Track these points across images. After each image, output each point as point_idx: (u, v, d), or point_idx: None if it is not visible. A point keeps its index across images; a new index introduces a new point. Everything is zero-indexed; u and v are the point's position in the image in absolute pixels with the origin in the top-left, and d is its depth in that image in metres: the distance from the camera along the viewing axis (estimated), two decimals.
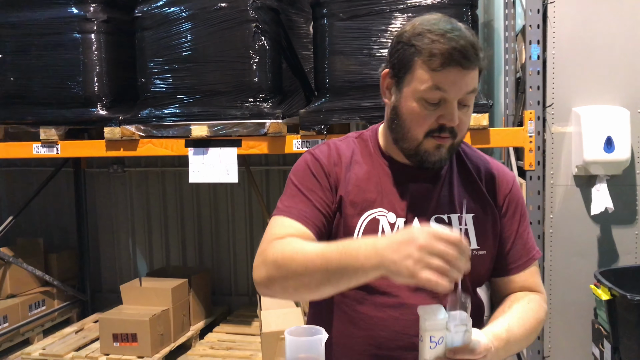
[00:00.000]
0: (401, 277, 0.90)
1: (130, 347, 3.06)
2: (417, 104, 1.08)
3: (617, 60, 2.41)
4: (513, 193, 1.23)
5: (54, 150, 2.95)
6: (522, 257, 1.22)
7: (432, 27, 1.06)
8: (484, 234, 1.17)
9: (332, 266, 0.97)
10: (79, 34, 2.86)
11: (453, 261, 0.87)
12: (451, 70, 1.03)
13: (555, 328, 2.51)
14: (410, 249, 0.88)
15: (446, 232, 0.88)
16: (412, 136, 1.10)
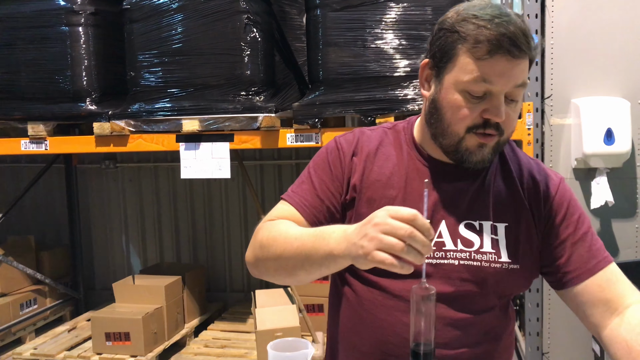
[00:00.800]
0: (361, 261, 0.84)
1: (123, 346, 3.01)
2: (460, 96, 0.97)
3: (617, 51, 2.36)
4: (560, 195, 1.09)
5: (42, 146, 2.89)
6: (590, 261, 1.06)
7: (479, 13, 0.96)
8: (518, 247, 1.05)
9: (306, 249, 0.94)
10: (67, 26, 2.79)
11: (408, 239, 0.80)
12: (499, 59, 0.93)
13: (554, 324, 2.47)
14: (367, 228, 0.83)
15: (403, 209, 0.82)
16: (453, 131, 1.00)
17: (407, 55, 2.43)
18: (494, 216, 1.05)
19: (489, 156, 1.01)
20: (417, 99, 2.42)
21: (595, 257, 1.07)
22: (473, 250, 1.03)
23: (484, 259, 1.03)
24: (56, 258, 3.92)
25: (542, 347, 2.49)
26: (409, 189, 1.07)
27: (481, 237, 1.04)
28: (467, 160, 1.01)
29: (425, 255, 0.82)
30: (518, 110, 1.01)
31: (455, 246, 1.03)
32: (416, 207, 1.03)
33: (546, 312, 2.47)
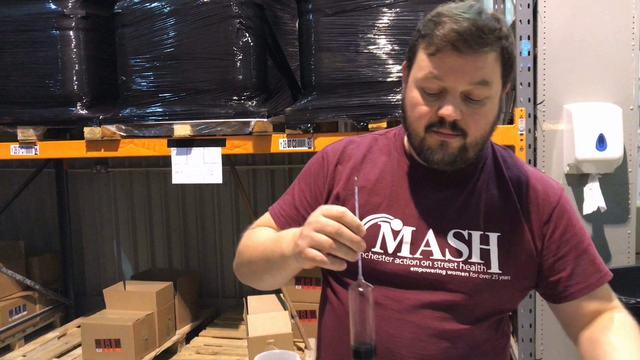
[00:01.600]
0: (299, 259, 0.88)
1: (113, 353, 2.98)
2: (418, 93, 0.97)
3: (609, 57, 2.36)
4: (562, 206, 1.05)
5: (32, 151, 2.86)
6: (593, 275, 1.04)
7: (445, 11, 0.94)
8: (510, 258, 1.01)
9: (267, 253, 1.00)
10: (57, 30, 2.77)
11: (336, 236, 0.83)
12: (448, 55, 0.92)
13: (547, 329, 2.47)
14: (303, 227, 0.88)
15: (334, 207, 0.85)
16: (414, 130, 0.99)
17: (399, 61, 2.42)
18: (485, 225, 1.02)
19: (454, 157, 0.98)
20: None
21: (599, 272, 1.06)
22: (461, 260, 1.00)
23: (473, 269, 1.00)
24: (46, 264, 3.88)
25: (535, 354, 2.48)
26: (394, 196, 1.05)
27: (470, 247, 1.01)
28: (430, 159, 0.99)
29: (357, 252, 0.84)
30: (486, 113, 0.96)
31: (443, 256, 1.01)
32: (402, 214, 1.03)
33: (539, 318, 2.47)
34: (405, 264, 1.01)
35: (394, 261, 1.01)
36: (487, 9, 0.97)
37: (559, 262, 1.03)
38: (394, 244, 1.02)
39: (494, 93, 0.96)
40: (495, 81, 0.95)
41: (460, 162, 0.99)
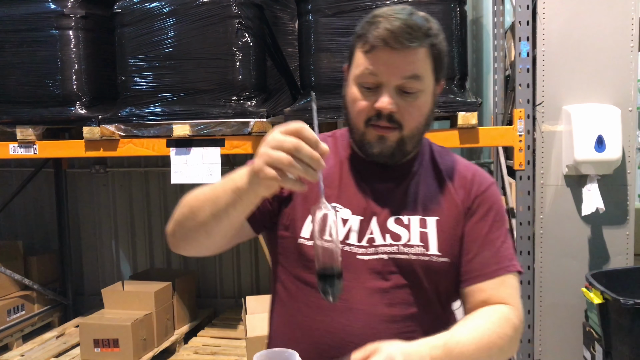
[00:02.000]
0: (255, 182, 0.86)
1: (111, 353, 2.97)
2: (356, 90, 1.04)
3: (608, 58, 2.37)
4: (487, 196, 1.11)
5: (31, 150, 2.86)
6: (491, 265, 1.07)
7: (381, 13, 1.02)
8: (448, 240, 1.06)
9: (216, 193, 0.96)
10: (57, 30, 2.77)
11: (294, 151, 0.81)
12: (382, 51, 0.99)
13: (545, 330, 2.47)
14: (261, 147, 0.85)
15: (291, 123, 0.83)
16: (355, 124, 1.06)
17: None
18: (424, 211, 1.07)
19: (392, 150, 1.05)
20: None
21: (498, 264, 1.07)
22: (401, 243, 1.05)
23: (412, 251, 1.04)
24: (45, 263, 3.87)
25: (534, 354, 2.48)
26: (343, 188, 1.10)
27: (409, 231, 1.06)
28: (370, 153, 1.06)
29: (317, 171, 0.82)
30: (419, 105, 1.03)
31: (384, 240, 1.05)
32: (350, 205, 1.08)
33: (537, 319, 2.47)
34: (353, 252, 1.05)
35: (343, 248, 1.04)
36: (418, 12, 1.05)
37: (465, 247, 1.08)
38: (343, 231, 1.06)
39: (426, 87, 1.03)
40: (426, 76, 1.03)
41: (398, 155, 1.06)
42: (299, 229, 1.08)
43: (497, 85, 3.42)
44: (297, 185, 0.83)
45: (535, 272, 2.46)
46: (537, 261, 2.45)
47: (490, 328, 1.00)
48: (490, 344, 0.99)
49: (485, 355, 0.98)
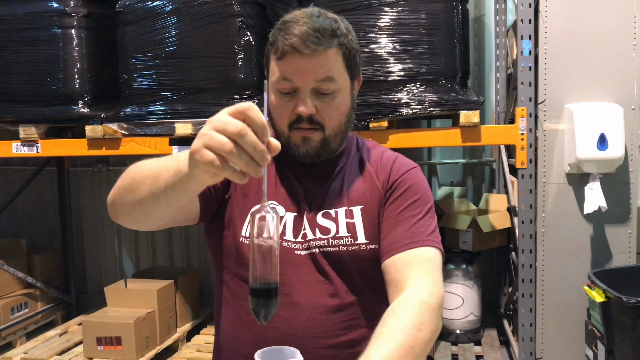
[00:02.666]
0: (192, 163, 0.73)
1: (114, 351, 2.98)
2: (275, 96, 1.06)
3: (611, 56, 2.37)
4: (406, 177, 1.12)
5: (34, 149, 2.87)
6: (403, 240, 1.05)
7: (289, 18, 1.03)
8: (373, 227, 1.09)
9: (157, 169, 0.87)
10: (59, 29, 2.77)
11: (237, 137, 0.69)
12: (291, 57, 1.01)
13: (547, 329, 2.47)
14: (204, 126, 0.74)
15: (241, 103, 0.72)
16: (279, 130, 1.08)
17: (400, 60, 2.43)
18: (349, 202, 1.10)
19: (317, 150, 1.07)
20: (410, 103, 2.42)
21: (410, 238, 1.05)
22: (330, 236, 1.08)
23: (341, 243, 1.07)
24: (47, 261, 3.89)
25: (536, 353, 2.48)
26: (277, 186, 1.13)
27: (337, 223, 1.09)
28: (297, 154, 1.08)
29: (260, 165, 0.71)
30: (337, 105, 1.05)
31: (314, 235, 1.08)
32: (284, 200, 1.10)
33: (539, 317, 2.47)
34: (290, 247, 1.08)
35: (281, 244, 1.07)
36: (326, 12, 1.07)
37: (384, 224, 1.10)
38: (280, 229, 1.07)
39: (341, 86, 1.06)
40: (340, 75, 1.05)
41: (324, 153, 1.09)
42: (239, 228, 1.10)
43: (499, 83, 3.42)
44: (236, 176, 0.71)
45: (537, 271, 2.46)
46: (539, 260, 2.45)
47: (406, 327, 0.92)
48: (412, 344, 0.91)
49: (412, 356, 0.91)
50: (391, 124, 2.61)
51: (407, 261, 1.04)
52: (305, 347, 1.01)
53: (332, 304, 1.06)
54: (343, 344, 1.06)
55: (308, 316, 1.04)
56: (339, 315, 1.06)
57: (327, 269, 1.07)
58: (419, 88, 2.44)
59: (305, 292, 1.06)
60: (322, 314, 1.05)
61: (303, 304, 1.05)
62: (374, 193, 1.12)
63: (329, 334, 1.05)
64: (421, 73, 2.43)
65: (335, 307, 1.06)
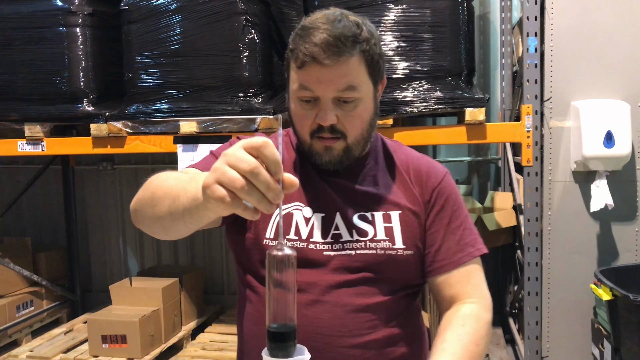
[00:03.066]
0: (204, 196, 0.71)
1: (119, 349, 2.99)
2: (295, 105, 1.04)
3: (617, 53, 2.35)
4: (443, 186, 1.14)
5: (39, 147, 2.87)
6: (456, 254, 1.10)
7: (308, 24, 1.00)
8: (411, 233, 1.09)
9: (177, 189, 0.84)
10: (64, 27, 2.78)
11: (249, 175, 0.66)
12: (312, 67, 0.98)
13: (553, 327, 2.46)
14: (218, 160, 0.71)
15: (256, 137, 0.69)
16: (302, 137, 1.07)
17: (406, 57, 2.42)
18: (386, 206, 1.09)
19: (340, 158, 1.06)
20: (415, 101, 2.41)
21: (462, 251, 1.11)
22: (368, 239, 1.07)
23: (379, 246, 1.06)
24: (53, 260, 3.90)
25: (542, 351, 2.47)
26: (303, 185, 1.10)
27: (374, 227, 1.08)
28: (320, 163, 1.07)
29: (273, 203, 0.68)
30: (360, 113, 1.03)
31: (351, 237, 1.07)
32: (311, 201, 1.08)
33: (545, 316, 2.46)
34: (318, 249, 1.06)
35: (307, 246, 1.06)
36: (348, 15, 1.02)
37: (430, 238, 1.11)
38: (306, 230, 1.07)
39: (363, 95, 1.03)
40: (362, 84, 1.02)
41: (347, 161, 1.07)
42: (263, 230, 1.08)
43: (504, 81, 3.41)
44: (248, 213, 0.70)
45: (543, 269, 2.45)
46: (545, 258, 2.44)
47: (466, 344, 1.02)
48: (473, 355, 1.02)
49: None
50: (396, 122, 2.60)
51: (459, 279, 1.10)
52: (330, 346, 1.01)
53: (358, 303, 1.05)
54: (368, 343, 1.04)
55: (333, 315, 1.03)
56: (365, 315, 1.05)
57: (359, 270, 1.06)
58: (424, 85, 2.43)
59: (332, 292, 1.04)
60: (347, 313, 1.04)
61: (329, 302, 1.04)
62: (411, 201, 1.11)
63: (355, 333, 1.04)
64: (426, 70, 2.42)
65: (362, 307, 1.05)
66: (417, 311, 1.18)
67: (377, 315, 1.06)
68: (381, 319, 1.06)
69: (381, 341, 1.06)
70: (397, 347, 1.08)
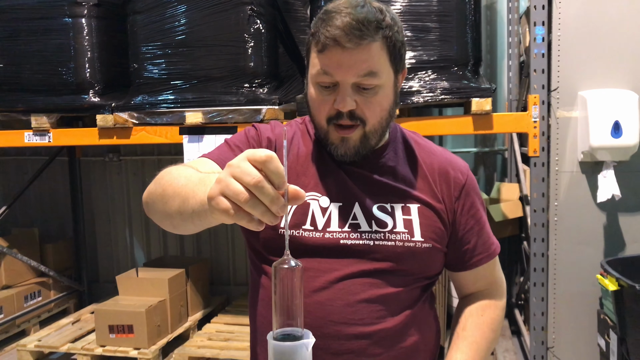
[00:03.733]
0: (210, 206, 0.72)
1: (126, 339, 3.01)
2: (314, 89, 1.03)
3: (625, 42, 2.33)
4: (469, 183, 1.15)
5: (45, 138, 2.88)
6: (490, 247, 1.17)
7: (331, 8, 0.99)
8: (430, 227, 1.09)
9: (187, 190, 0.86)
10: (70, 18, 2.78)
11: (253, 189, 0.66)
12: (333, 51, 0.97)
13: (559, 318, 2.46)
14: (223, 171, 0.71)
15: (261, 150, 0.68)
16: (319, 123, 1.06)
17: (412, 47, 2.40)
18: (405, 198, 1.10)
19: (355, 149, 1.05)
20: (422, 91, 2.40)
21: (493, 244, 1.18)
22: (387, 230, 1.07)
23: (398, 238, 1.07)
24: (60, 251, 3.93)
25: (547, 342, 2.47)
26: (321, 175, 1.10)
27: (394, 218, 1.08)
28: (335, 154, 1.07)
29: (277, 215, 0.68)
30: (379, 100, 1.02)
31: (370, 227, 1.07)
32: (328, 191, 1.08)
33: (551, 307, 2.46)
34: (335, 237, 1.05)
35: (324, 236, 1.05)
36: (372, 1, 1.01)
37: (467, 235, 1.14)
38: (323, 220, 1.07)
39: (384, 82, 1.02)
40: (383, 70, 1.01)
41: (363, 151, 1.06)
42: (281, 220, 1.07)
43: (511, 71, 3.39)
44: (252, 225, 0.70)
45: (550, 260, 2.44)
46: (552, 248, 2.44)
47: (485, 332, 1.16)
48: (489, 345, 1.16)
49: (488, 353, 1.16)
50: (402, 112, 2.59)
51: (485, 274, 1.19)
52: (340, 333, 1.02)
53: (371, 292, 1.05)
54: (378, 332, 1.05)
55: (345, 303, 1.03)
56: (376, 305, 1.05)
57: (376, 260, 1.06)
58: (430, 75, 2.42)
59: (346, 280, 1.04)
60: (359, 302, 1.04)
61: (341, 289, 1.04)
62: (431, 196, 1.11)
63: (366, 322, 1.04)
64: (432, 60, 2.41)
65: (375, 297, 1.05)
66: (430, 300, 1.19)
67: (389, 306, 1.06)
68: (393, 309, 1.07)
69: (392, 330, 1.06)
70: (407, 336, 1.09)
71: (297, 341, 0.71)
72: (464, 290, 1.23)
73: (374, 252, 1.05)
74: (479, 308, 1.17)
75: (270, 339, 0.71)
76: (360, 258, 1.05)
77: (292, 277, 0.72)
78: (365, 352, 1.04)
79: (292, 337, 0.72)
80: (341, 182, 1.09)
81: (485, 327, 1.16)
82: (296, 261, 0.72)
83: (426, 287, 1.15)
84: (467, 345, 1.12)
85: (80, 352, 3.04)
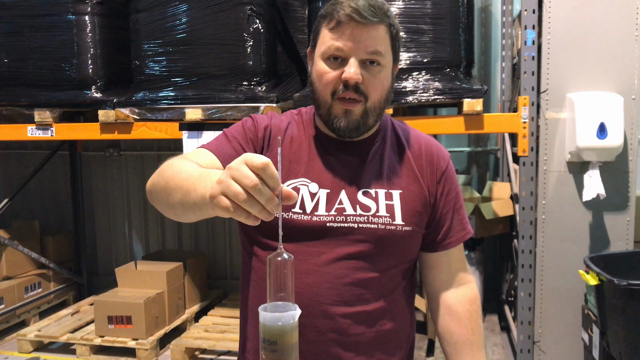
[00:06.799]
0: (212, 204, 0.81)
1: (125, 329, 3.08)
2: (323, 64, 1.10)
3: (612, 47, 2.40)
4: (449, 170, 1.24)
5: (48, 132, 2.95)
6: (460, 232, 1.24)
7: None
8: (411, 212, 1.17)
9: (188, 185, 0.93)
10: (73, 15, 2.84)
11: (251, 190, 0.75)
12: (346, 26, 1.06)
13: (545, 313, 2.53)
14: (223, 172, 0.80)
15: (257, 156, 0.76)
16: (323, 99, 1.12)
17: (406, 49, 2.47)
18: (389, 184, 1.17)
19: (357, 123, 1.12)
20: (415, 91, 2.47)
21: (464, 230, 1.25)
22: (370, 214, 1.14)
23: (380, 221, 1.14)
24: (60, 243, 3.99)
25: (534, 336, 2.54)
26: (311, 163, 1.17)
27: (377, 203, 1.15)
28: (338, 128, 1.13)
29: (272, 213, 0.77)
30: (382, 79, 1.11)
31: (354, 211, 1.14)
32: (317, 179, 1.15)
33: (538, 302, 2.53)
34: (322, 220, 1.12)
35: (311, 219, 1.13)
36: None
37: (443, 217, 1.22)
38: (311, 204, 1.14)
39: (386, 63, 1.11)
40: (387, 53, 1.10)
41: (363, 128, 1.14)
42: None
43: (504, 72, 3.46)
44: (250, 220, 0.78)
45: (537, 256, 2.52)
46: (539, 245, 2.51)
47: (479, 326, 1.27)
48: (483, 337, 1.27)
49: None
50: (396, 112, 2.67)
51: (459, 257, 1.27)
52: (326, 313, 1.10)
53: (355, 276, 1.12)
54: (360, 314, 1.13)
55: (331, 285, 1.11)
56: (359, 288, 1.12)
57: (360, 243, 1.13)
58: (424, 76, 2.49)
59: (331, 262, 1.11)
60: (344, 285, 1.11)
61: (327, 273, 1.11)
62: (413, 180, 1.19)
63: (349, 302, 1.12)
64: (426, 62, 2.48)
65: (358, 280, 1.12)
66: (410, 289, 1.26)
67: (371, 290, 1.14)
68: (373, 292, 1.14)
69: (372, 313, 1.14)
70: (385, 320, 1.17)
71: (290, 312, 0.79)
72: (430, 274, 1.28)
73: (357, 233, 1.13)
74: (473, 305, 1.27)
75: (262, 310, 0.79)
76: (345, 240, 1.13)
77: (284, 268, 0.80)
78: (347, 330, 1.12)
79: (281, 309, 0.81)
80: (330, 169, 1.16)
81: (481, 327, 1.27)
82: (289, 254, 0.80)
83: (405, 273, 1.22)
84: (483, 356, 1.25)
85: (80, 342, 3.11)
